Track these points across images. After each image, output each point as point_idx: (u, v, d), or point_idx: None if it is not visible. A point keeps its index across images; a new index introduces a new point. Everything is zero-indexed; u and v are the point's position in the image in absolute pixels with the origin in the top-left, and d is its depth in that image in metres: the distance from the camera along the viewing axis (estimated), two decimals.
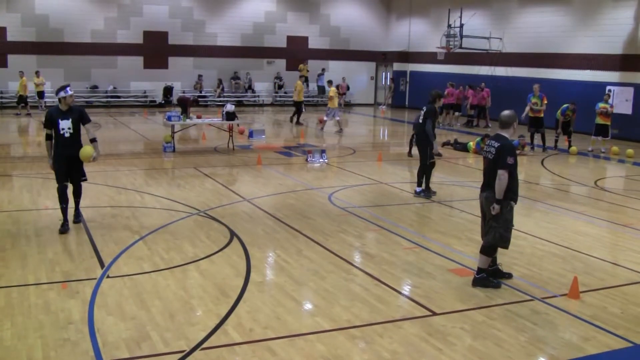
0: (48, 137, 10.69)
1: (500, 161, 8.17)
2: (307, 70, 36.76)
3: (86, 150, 10.65)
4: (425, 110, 13.66)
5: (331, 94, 26.19)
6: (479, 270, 8.48)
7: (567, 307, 7.80)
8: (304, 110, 28.97)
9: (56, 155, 10.62)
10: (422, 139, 13.68)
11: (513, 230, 10.28)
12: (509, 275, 8.79)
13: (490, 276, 8.56)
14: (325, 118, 26.74)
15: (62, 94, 10.63)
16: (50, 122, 10.59)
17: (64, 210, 10.60)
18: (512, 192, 8.26)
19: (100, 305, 7.51)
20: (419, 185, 13.85)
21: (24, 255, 9.16)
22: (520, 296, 8.14)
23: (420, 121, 13.66)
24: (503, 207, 8.21)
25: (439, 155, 14.08)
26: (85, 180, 11.09)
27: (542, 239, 10.80)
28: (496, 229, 8.31)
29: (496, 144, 8.32)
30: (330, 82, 28.27)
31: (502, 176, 8.11)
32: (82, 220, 10.97)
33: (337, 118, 25.95)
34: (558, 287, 8.49)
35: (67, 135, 10.55)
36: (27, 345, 6.41)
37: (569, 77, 27.77)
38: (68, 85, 10.86)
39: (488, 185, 8.43)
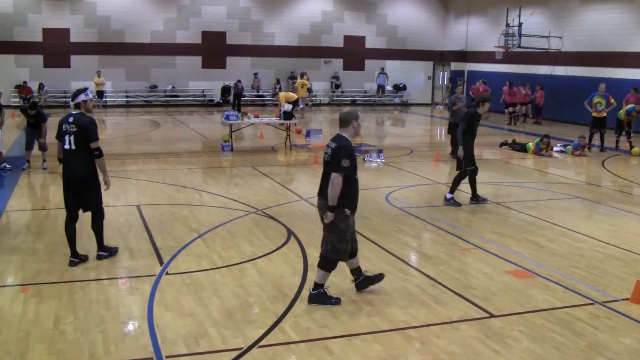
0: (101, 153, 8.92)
1: (334, 163, 7.30)
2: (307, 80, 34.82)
3: None
4: (464, 113, 12.99)
5: (297, 86, 31.35)
6: (315, 286, 7.66)
7: (628, 311, 7.63)
8: (300, 105, 30.52)
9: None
10: (457, 144, 12.96)
11: (572, 233, 10.11)
12: (378, 277, 8.16)
13: (361, 283, 8.03)
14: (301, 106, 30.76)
15: (82, 97, 8.83)
16: None
17: None
18: (347, 199, 7.39)
19: (159, 301, 7.63)
20: (451, 191, 13.07)
21: (86, 252, 9.32)
22: (580, 299, 7.99)
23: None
24: (337, 215, 7.40)
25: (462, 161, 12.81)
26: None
27: (603, 242, 10.58)
28: (328, 240, 7.53)
29: (333, 145, 7.44)
30: (302, 75, 33.26)
31: (335, 180, 7.23)
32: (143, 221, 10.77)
33: (301, 106, 30.59)
34: (619, 291, 8.31)
35: None
36: (89, 340, 6.56)
37: (630, 77, 27.08)
38: (87, 88, 9.27)
39: (323, 190, 7.53)
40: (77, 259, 8.97)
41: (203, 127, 26.65)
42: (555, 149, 20.83)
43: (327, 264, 7.61)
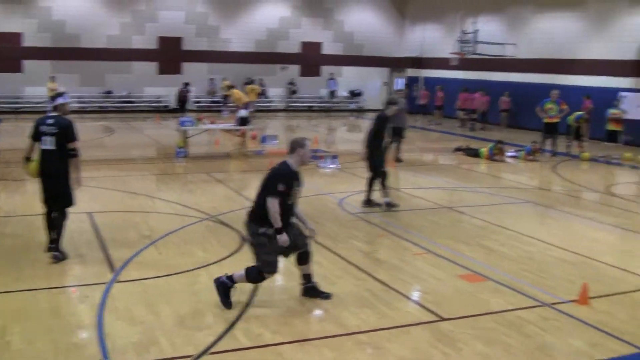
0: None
1: (268, 185, 7.48)
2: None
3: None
4: (376, 116, 13.23)
5: (248, 90, 30.07)
6: (229, 277, 7.72)
7: (576, 313, 7.77)
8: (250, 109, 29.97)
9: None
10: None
11: (523, 236, 10.31)
12: (325, 296, 8.04)
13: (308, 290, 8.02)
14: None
15: (61, 100, 9.44)
16: None
17: None
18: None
19: (110, 309, 7.55)
20: (384, 195, 13.18)
21: (36, 260, 9.21)
22: (529, 302, 8.12)
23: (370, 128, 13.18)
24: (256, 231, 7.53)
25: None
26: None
27: (553, 245, 10.76)
28: (257, 253, 7.64)
29: (274, 167, 7.70)
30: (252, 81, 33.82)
31: (269, 204, 7.31)
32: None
33: (250, 110, 30.31)
34: (567, 293, 8.45)
35: None
36: (36, 350, 6.46)
37: (582, 83, 27.60)
38: (66, 92, 9.86)
39: (252, 209, 7.70)
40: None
41: (158, 133, 26.46)
42: (508, 154, 21.10)
43: (253, 274, 7.62)
